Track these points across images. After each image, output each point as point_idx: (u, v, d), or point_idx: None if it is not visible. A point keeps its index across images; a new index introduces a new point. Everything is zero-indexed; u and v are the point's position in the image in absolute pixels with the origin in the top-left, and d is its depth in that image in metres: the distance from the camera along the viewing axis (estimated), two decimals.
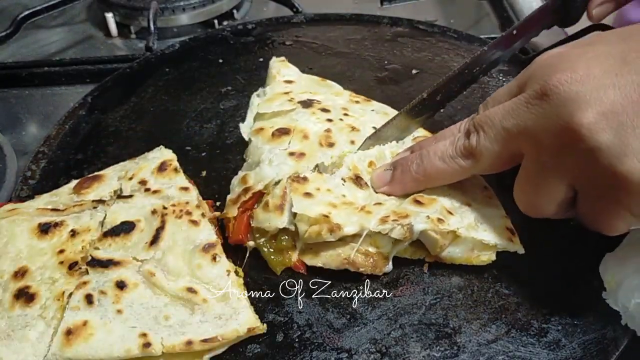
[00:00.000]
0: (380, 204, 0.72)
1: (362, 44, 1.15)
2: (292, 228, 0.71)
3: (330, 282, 0.71)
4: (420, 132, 0.85)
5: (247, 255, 0.73)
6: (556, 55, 0.63)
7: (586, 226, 0.64)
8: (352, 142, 0.81)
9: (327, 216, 0.69)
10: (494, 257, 0.71)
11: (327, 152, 0.79)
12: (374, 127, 0.83)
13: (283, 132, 0.81)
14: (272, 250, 0.72)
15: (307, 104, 0.87)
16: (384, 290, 0.70)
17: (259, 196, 0.75)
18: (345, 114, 0.86)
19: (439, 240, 0.69)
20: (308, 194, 0.71)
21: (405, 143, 0.83)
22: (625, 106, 0.54)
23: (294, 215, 0.70)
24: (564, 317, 0.66)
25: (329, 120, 0.84)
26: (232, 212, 0.74)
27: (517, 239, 0.70)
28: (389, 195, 0.74)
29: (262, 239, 0.72)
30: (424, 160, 0.71)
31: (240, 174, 0.80)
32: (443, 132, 0.75)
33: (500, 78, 1.04)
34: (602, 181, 0.57)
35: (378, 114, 0.88)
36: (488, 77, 1.05)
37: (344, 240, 0.69)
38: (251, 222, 0.73)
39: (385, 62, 1.09)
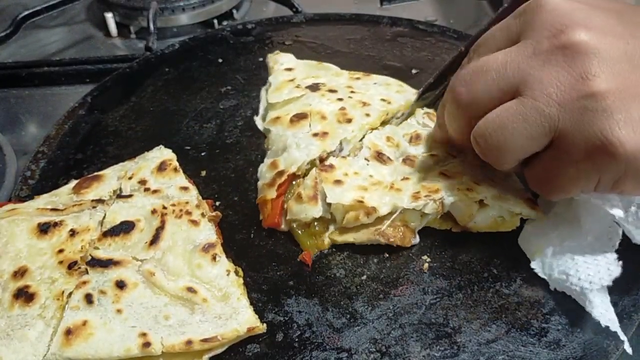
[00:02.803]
0: (407, 178, 0.75)
1: (362, 43, 1.15)
2: (328, 216, 0.74)
3: (330, 281, 0.71)
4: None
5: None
6: (565, 3, 0.59)
7: (530, 182, 0.65)
8: (367, 115, 0.85)
9: (361, 201, 0.71)
10: (518, 223, 0.73)
11: (347, 128, 0.82)
12: (383, 99, 0.88)
13: (301, 116, 0.85)
14: (305, 233, 0.75)
15: (314, 87, 0.92)
16: (384, 290, 0.70)
17: (292, 179, 0.78)
18: (352, 92, 0.91)
19: (467, 210, 0.72)
20: (338, 182, 0.74)
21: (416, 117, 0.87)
22: (632, 75, 0.54)
23: (329, 203, 0.72)
24: (564, 317, 0.66)
25: (340, 99, 0.88)
26: (271, 194, 0.77)
27: (539, 208, 0.72)
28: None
29: (296, 223, 0.75)
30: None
31: (268, 160, 0.82)
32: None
33: None
34: (591, 142, 0.55)
35: (381, 85, 0.93)
36: None
37: (378, 219, 0.72)
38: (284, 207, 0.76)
39: (385, 61, 1.09)
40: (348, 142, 0.81)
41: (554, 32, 0.57)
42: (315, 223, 0.74)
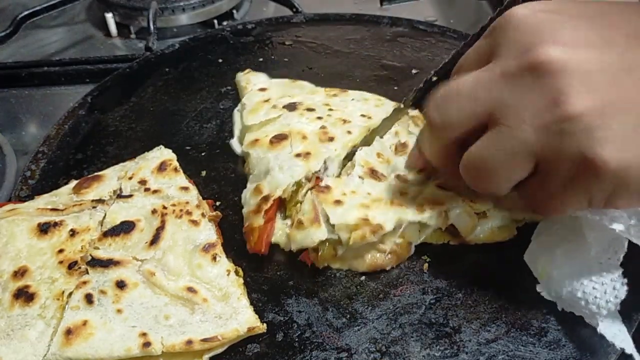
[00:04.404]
0: (405, 193, 0.74)
1: (362, 43, 1.15)
2: (335, 237, 0.70)
3: (330, 281, 0.71)
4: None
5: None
6: (531, 16, 0.56)
7: (527, 204, 0.63)
8: (349, 132, 0.83)
9: (366, 219, 0.69)
10: (515, 232, 0.73)
11: (330, 147, 0.80)
12: (363, 115, 0.86)
13: (281, 137, 0.82)
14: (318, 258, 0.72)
15: (291, 107, 0.88)
16: (384, 290, 0.70)
17: (279, 203, 0.75)
18: (330, 109, 0.88)
19: (471, 222, 0.71)
20: (338, 202, 0.72)
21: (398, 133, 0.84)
22: (611, 88, 0.52)
23: (332, 225, 0.70)
24: (564, 317, 0.65)
25: (319, 117, 0.86)
26: (258, 221, 0.73)
27: None
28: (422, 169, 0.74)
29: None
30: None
31: (250, 186, 0.79)
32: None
33: None
34: (574, 164, 0.53)
35: (359, 101, 0.91)
36: None
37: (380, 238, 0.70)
38: (274, 228, 0.73)
39: (385, 61, 1.09)
40: (332, 160, 0.79)
41: (521, 50, 0.54)
42: (323, 247, 0.71)
